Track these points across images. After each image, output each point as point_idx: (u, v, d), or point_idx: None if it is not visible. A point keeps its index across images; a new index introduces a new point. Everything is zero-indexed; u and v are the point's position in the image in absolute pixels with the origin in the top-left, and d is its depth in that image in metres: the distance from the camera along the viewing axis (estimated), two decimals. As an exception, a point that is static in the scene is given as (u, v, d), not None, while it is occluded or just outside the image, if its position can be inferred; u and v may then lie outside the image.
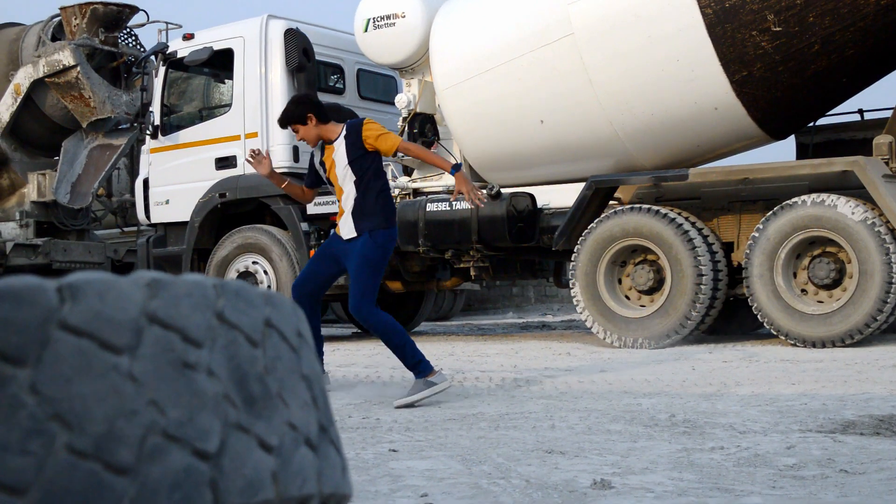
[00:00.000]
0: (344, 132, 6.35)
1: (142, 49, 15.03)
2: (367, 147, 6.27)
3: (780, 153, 11.88)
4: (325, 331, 15.01)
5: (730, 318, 10.69)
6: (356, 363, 8.85)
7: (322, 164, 6.47)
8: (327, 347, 11.03)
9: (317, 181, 6.68)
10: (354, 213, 6.29)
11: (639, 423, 5.04)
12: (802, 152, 10.98)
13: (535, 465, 4.09)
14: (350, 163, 6.28)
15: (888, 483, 3.64)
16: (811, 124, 10.89)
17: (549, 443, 4.56)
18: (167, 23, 14.89)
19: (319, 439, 1.24)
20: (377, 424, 5.27)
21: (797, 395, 5.88)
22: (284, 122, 6.52)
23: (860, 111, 11.06)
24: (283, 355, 1.23)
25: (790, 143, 11.12)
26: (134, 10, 15.02)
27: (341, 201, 6.37)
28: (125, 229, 16.55)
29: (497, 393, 6.51)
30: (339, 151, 6.31)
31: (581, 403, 5.83)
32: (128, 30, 15.24)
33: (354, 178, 6.28)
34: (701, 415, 5.27)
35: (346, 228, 6.33)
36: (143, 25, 15.37)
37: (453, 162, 6.89)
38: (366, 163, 6.30)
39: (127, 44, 15.22)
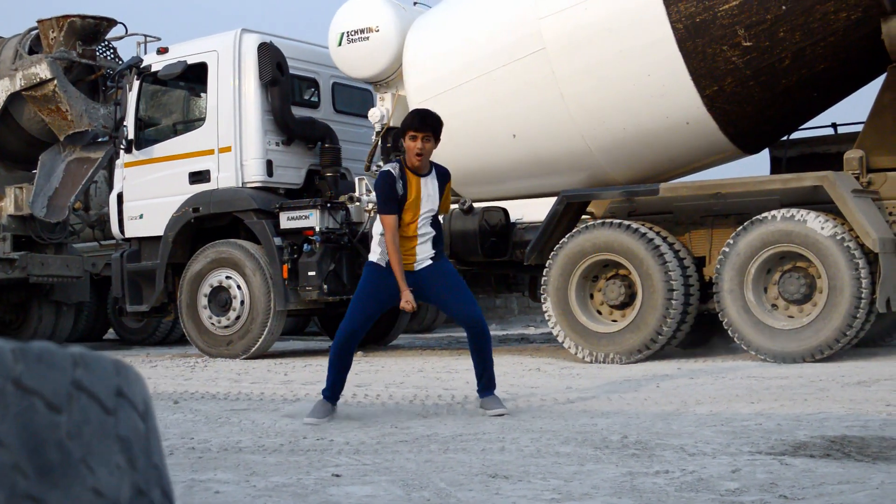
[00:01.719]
0: (436, 171, 6.34)
1: (120, 62, 15.00)
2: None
3: (755, 167, 11.88)
4: (304, 344, 14.99)
5: (707, 332, 10.67)
6: (322, 380, 8.75)
7: (404, 190, 6.19)
8: (300, 362, 11.03)
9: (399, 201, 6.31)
10: (435, 244, 6.32)
11: (589, 445, 5.01)
12: (776, 166, 10.97)
13: (477, 490, 4.06)
14: (438, 202, 6.32)
15: (825, 510, 3.62)
16: (785, 138, 10.89)
17: (495, 466, 4.53)
18: (146, 35, 14.88)
19: (132, 503, 1.22)
20: (328, 447, 5.23)
21: (754, 415, 5.85)
22: (438, 126, 6.31)
23: (834, 125, 11.06)
24: (91, 418, 1.20)
25: (764, 156, 11.12)
26: (112, 23, 14.99)
27: (413, 235, 6.24)
28: (103, 243, 16.53)
29: (456, 412, 6.48)
30: (431, 187, 6.25)
31: (537, 423, 5.80)
32: (106, 43, 15.22)
33: (433, 216, 6.30)
34: (654, 435, 5.24)
35: (421, 257, 6.29)
36: (121, 38, 15.36)
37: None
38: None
39: (105, 57, 15.20)
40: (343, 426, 6.00)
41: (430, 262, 6.30)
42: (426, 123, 6.23)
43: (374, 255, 6.34)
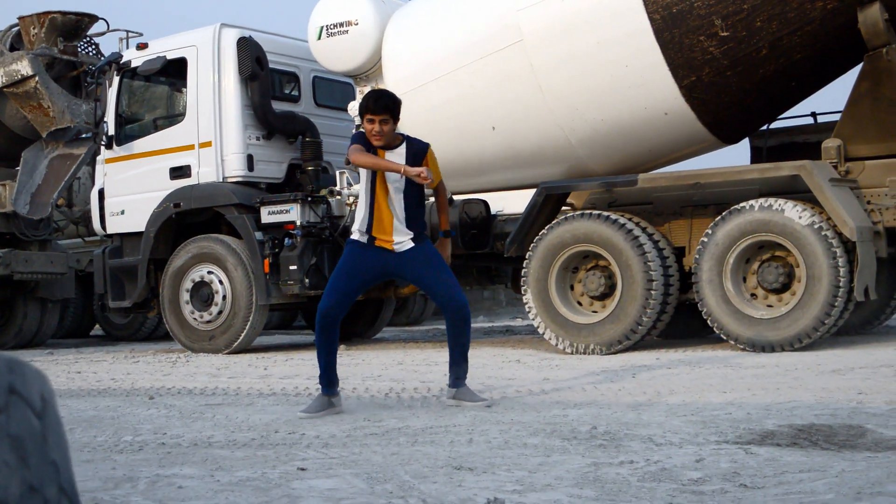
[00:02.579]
0: (405, 144, 6.34)
1: (102, 58, 14.97)
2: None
3: (737, 157, 11.90)
4: (290, 338, 14.99)
5: (690, 321, 10.69)
6: (300, 374, 8.82)
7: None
8: (282, 356, 11.03)
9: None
10: (410, 225, 6.27)
11: (558, 436, 5.02)
12: (757, 156, 10.98)
13: (441, 482, 4.07)
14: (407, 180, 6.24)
15: (783, 498, 3.63)
16: (765, 128, 10.90)
17: (461, 458, 4.54)
18: (128, 31, 14.83)
19: (23, 500, 1.22)
20: (299, 440, 5.24)
21: (725, 404, 5.87)
22: (394, 107, 6.23)
23: (813, 114, 11.06)
24: (-22, 417, 1.20)
25: (745, 146, 11.13)
26: (93, 18, 14.96)
27: (385, 210, 6.22)
28: (88, 239, 16.51)
29: (430, 405, 6.49)
30: (396, 159, 6.21)
31: (508, 415, 5.81)
32: (88, 39, 15.19)
33: (405, 190, 6.23)
34: (623, 426, 5.25)
35: (400, 240, 6.26)
36: (103, 34, 15.32)
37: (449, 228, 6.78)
38: (418, 185, 6.32)
39: (87, 53, 15.16)
40: (316, 420, 6.01)
41: (411, 243, 6.27)
42: (381, 106, 6.19)
43: (356, 232, 6.33)
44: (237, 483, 4.15)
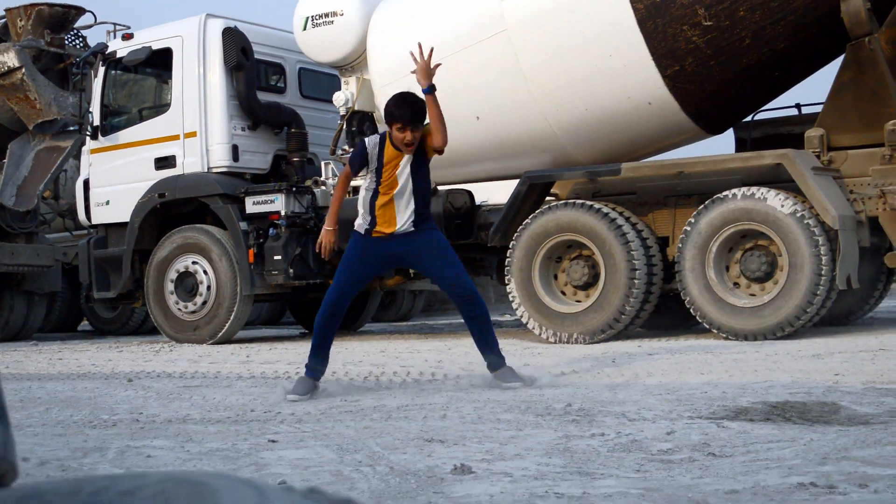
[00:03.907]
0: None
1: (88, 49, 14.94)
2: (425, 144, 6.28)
3: (721, 148, 11.91)
4: (276, 331, 14.97)
5: (674, 312, 10.68)
6: (280, 360, 8.81)
7: (381, 155, 6.23)
8: (265, 346, 11.02)
9: (361, 168, 6.35)
10: (417, 211, 6.27)
11: (532, 413, 5.02)
12: (741, 147, 10.97)
13: (411, 453, 4.07)
14: (414, 157, 6.27)
15: (748, 465, 3.64)
16: (749, 119, 10.90)
17: (433, 432, 4.54)
18: (115, 24, 14.81)
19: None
20: (273, 417, 5.23)
21: (701, 384, 5.87)
22: (424, 114, 6.26)
23: (797, 105, 11.07)
24: None
25: (730, 137, 11.13)
26: (80, 11, 14.92)
27: (393, 196, 6.21)
28: (76, 233, 16.46)
29: (408, 386, 6.49)
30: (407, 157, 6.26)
31: (484, 394, 5.82)
32: (75, 31, 15.15)
33: (411, 173, 6.25)
34: (598, 404, 5.25)
35: (405, 224, 6.25)
36: (90, 27, 15.28)
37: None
38: (423, 163, 6.34)
39: (74, 45, 15.12)
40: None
41: (412, 228, 6.24)
42: (420, 118, 6.21)
43: (357, 223, 6.34)
44: (206, 453, 4.15)
